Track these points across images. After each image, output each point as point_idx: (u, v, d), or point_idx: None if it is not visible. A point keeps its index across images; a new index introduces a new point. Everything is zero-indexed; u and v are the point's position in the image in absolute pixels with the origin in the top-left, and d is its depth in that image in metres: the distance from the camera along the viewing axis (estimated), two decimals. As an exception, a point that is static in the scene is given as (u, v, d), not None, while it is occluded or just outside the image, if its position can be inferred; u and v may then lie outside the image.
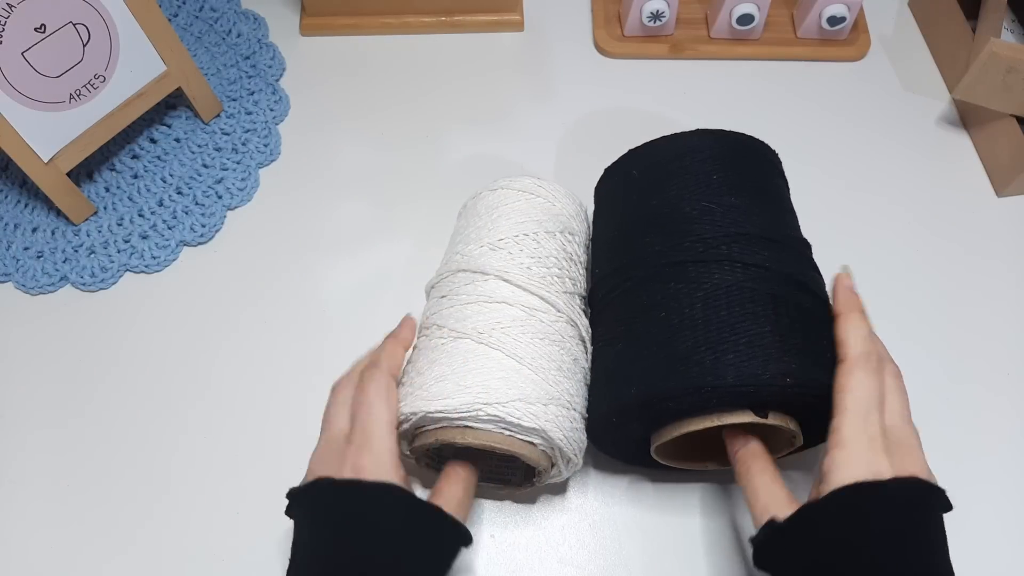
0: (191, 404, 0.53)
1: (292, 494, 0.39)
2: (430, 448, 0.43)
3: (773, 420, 0.40)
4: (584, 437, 0.44)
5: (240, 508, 0.49)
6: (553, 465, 0.44)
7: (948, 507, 0.36)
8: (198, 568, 0.48)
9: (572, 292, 0.46)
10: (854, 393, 0.37)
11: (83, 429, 0.52)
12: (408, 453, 0.45)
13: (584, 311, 0.47)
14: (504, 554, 0.48)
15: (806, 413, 0.42)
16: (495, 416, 0.40)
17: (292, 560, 0.37)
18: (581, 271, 0.49)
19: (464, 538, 0.40)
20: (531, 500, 0.50)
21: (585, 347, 0.46)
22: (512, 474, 0.47)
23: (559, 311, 0.44)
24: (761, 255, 0.42)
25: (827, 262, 0.46)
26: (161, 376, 0.54)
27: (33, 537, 0.49)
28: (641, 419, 0.42)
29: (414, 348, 0.46)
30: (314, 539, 0.37)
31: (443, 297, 0.45)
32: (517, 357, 0.42)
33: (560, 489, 0.50)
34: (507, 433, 0.41)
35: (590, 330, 0.46)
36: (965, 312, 0.56)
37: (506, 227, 0.47)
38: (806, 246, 0.45)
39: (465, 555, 0.48)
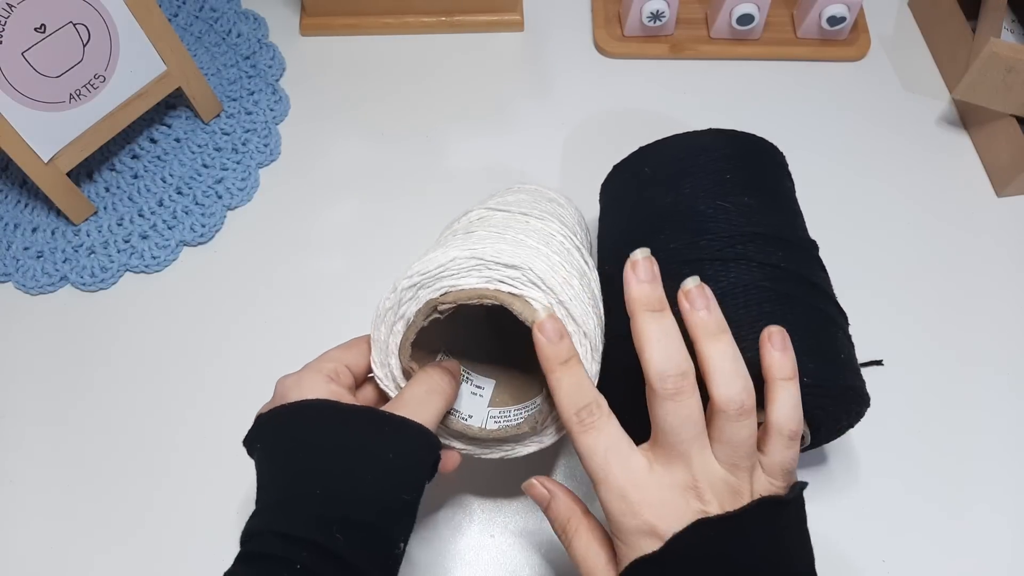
0: (191, 404, 0.53)
1: (244, 443, 0.38)
2: (419, 328, 0.39)
3: None
4: (596, 320, 0.39)
5: (240, 508, 0.49)
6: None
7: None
8: (199, 568, 0.48)
9: (563, 225, 0.44)
10: (656, 425, 0.34)
11: (83, 428, 0.52)
12: (401, 382, 0.42)
13: (586, 248, 0.46)
14: (504, 554, 0.48)
15: (817, 412, 0.42)
16: (475, 258, 0.36)
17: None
18: (573, 227, 0.47)
19: (412, 430, 0.36)
20: (530, 500, 0.49)
21: (583, 256, 0.43)
22: (534, 408, 0.42)
23: (544, 220, 0.42)
24: (776, 255, 0.42)
25: (828, 262, 0.46)
26: (161, 376, 0.54)
27: (33, 537, 0.49)
28: None
29: None
30: (259, 470, 0.37)
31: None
32: (499, 230, 0.39)
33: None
34: (493, 286, 0.36)
35: (592, 260, 0.44)
36: (965, 312, 0.56)
37: (496, 200, 0.47)
38: (814, 247, 0.46)
39: (465, 555, 0.48)
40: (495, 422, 0.42)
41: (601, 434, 0.34)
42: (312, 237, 0.59)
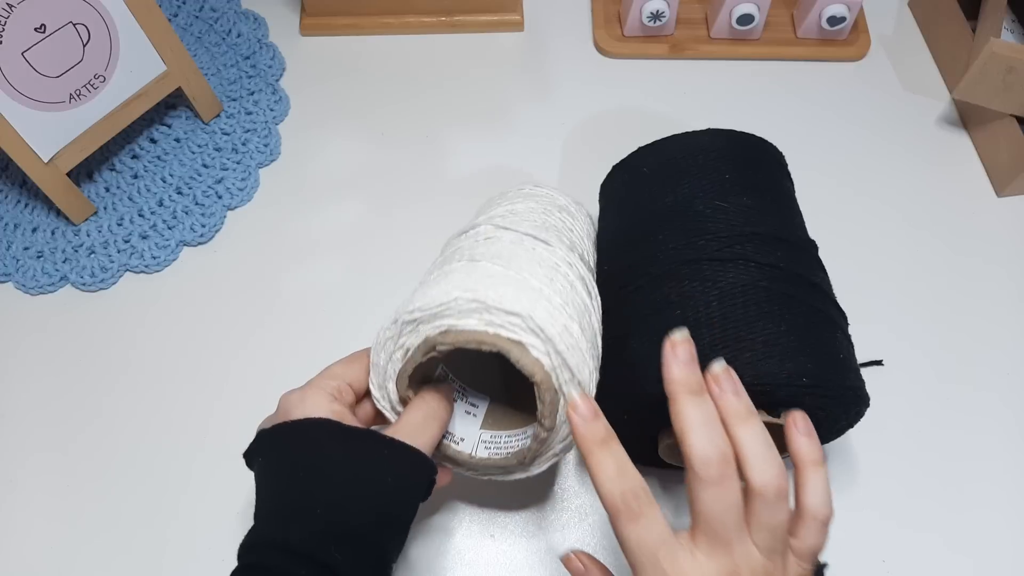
0: (191, 404, 0.53)
1: (244, 455, 0.39)
2: (417, 365, 0.39)
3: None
4: (588, 359, 0.40)
5: (241, 509, 0.49)
6: (558, 393, 0.39)
7: None
8: (200, 568, 0.48)
9: (571, 248, 0.44)
10: (698, 510, 0.33)
11: (83, 429, 0.52)
12: (398, 407, 0.42)
13: (590, 270, 0.46)
14: (504, 554, 0.48)
15: (817, 413, 0.42)
16: (476, 301, 0.37)
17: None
18: (581, 243, 0.47)
19: (410, 455, 0.37)
20: (530, 500, 0.50)
21: (587, 287, 0.43)
22: (522, 440, 0.43)
23: (552, 246, 0.42)
24: (774, 255, 0.42)
25: (827, 262, 0.46)
26: (161, 376, 0.54)
27: (33, 537, 0.49)
28: (653, 417, 0.42)
29: None
30: (258, 484, 0.37)
31: (439, 259, 0.45)
32: (503, 264, 0.39)
33: (560, 489, 0.50)
34: (492, 330, 0.37)
35: (595, 286, 0.44)
36: (965, 312, 0.56)
37: (505, 207, 0.46)
38: (814, 247, 0.46)
39: (465, 555, 0.48)
40: (485, 448, 0.43)
41: (650, 524, 0.33)
42: (312, 237, 0.59)
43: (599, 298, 0.44)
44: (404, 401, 0.40)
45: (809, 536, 0.35)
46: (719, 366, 0.35)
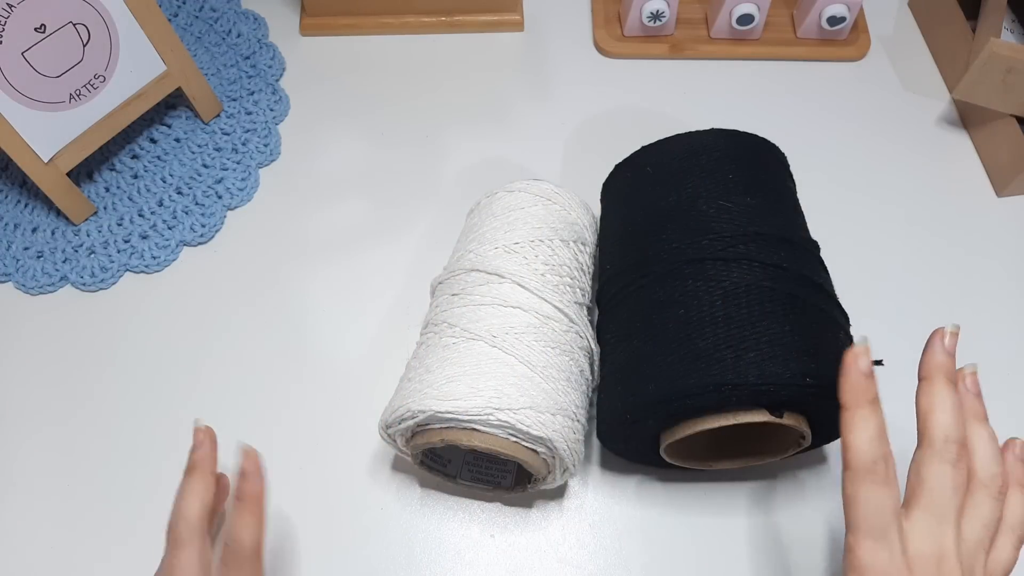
0: (191, 404, 0.53)
1: None
2: (429, 447, 0.43)
3: (788, 420, 0.41)
4: (583, 448, 0.44)
5: (240, 508, 0.49)
6: (549, 473, 0.44)
7: None
8: (198, 568, 0.48)
9: (581, 303, 0.47)
10: (929, 485, 0.33)
11: (83, 429, 0.52)
12: (405, 450, 0.45)
13: (591, 321, 0.47)
14: (504, 554, 0.48)
15: (819, 414, 0.42)
16: (505, 422, 0.40)
17: None
18: (589, 282, 0.49)
19: None
20: (531, 501, 0.50)
21: (591, 359, 0.46)
22: (503, 478, 0.48)
23: (571, 321, 0.44)
24: (778, 255, 0.42)
25: (828, 262, 0.46)
26: (161, 376, 0.54)
27: (33, 537, 0.49)
28: (656, 416, 0.42)
29: (420, 344, 0.46)
30: None
31: (454, 295, 0.45)
32: (530, 364, 0.42)
33: (560, 489, 0.50)
34: (513, 439, 0.41)
35: (597, 346, 0.46)
36: (964, 312, 0.56)
37: (523, 231, 0.47)
38: (816, 247, 0.46)
39: (465, 555, 0.48)
40: (468, 471, 0.48)
41: (892, 493, 0.33)
42: (312, 237, 0.59)
43: (597, 345, 0.47)
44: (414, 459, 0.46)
45: (1004, 549, 0.35)
46: (974, 368, 0.38)
